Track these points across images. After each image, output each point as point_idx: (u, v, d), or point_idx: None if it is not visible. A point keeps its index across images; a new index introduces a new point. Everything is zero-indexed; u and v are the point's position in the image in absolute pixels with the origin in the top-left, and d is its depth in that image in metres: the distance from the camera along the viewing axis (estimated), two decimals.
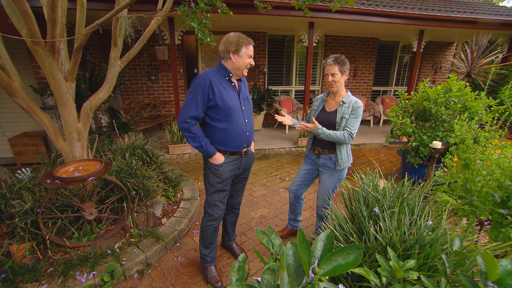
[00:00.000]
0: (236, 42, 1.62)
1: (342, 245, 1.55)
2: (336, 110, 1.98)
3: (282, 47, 6.80)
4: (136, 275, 2.09)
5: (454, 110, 2.98)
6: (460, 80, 4.61)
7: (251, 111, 1.85)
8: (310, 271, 0.46)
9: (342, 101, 1.96)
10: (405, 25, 4.87)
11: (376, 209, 1.61)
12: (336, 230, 1.64)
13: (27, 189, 2.41)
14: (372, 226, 1.53)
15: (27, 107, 2.31)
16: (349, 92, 2.02)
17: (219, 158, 1.75)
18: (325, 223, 2.05)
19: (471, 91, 3.12)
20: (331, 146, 2.02)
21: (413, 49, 5.48)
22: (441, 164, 3.03)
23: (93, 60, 4.68)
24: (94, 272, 1.95)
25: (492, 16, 5.32)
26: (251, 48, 1.65)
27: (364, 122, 7.16)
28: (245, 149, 1.82)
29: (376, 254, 1.03)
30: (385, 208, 1.67)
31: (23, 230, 2.03)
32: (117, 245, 2.25)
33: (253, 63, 1.69)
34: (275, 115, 2.04)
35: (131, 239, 2.34)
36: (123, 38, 2.58)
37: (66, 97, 2.35)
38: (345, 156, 2.03)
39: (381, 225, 1.48)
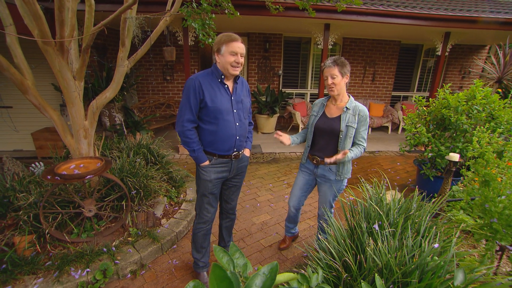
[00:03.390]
0: (218, 41, 1.56)
1: (337, 263, 1.43)
2: (340, 116, 1.83)
3: (298, 49, 6.66)
4: (129, 275, 2.09)
5: (478, 119, 2.71)
6: (488, 86, 4.23)
7: (245, 115, 1.78)
8: None
9: (346, 107, 1.81)
10: (428, 27, 4.56)
11: (376, 226, 1.47)
12: (332, 246, 1.52)
13: (36, 183, 2.51)
14: (372, 244, 1.40)
15: (38, 104, 2.41)
16: (351, 97, 1.88)
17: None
18: (323, 236, 1.94)
19: (499, 99, 2.83)
20: (331, 156, 1.88)
21: (437, 53, 5.13)
22: (461, 177, 2.77)
23: (103, 61, 4.86)
24: (88, 269, 1.97)
25: None
26: (233, 45, 1.54)
27: (382, 128, 6.82)
28: (235, 153, 1.76)
29: (362, 281, 0.91)
30: (386, 225, 1.52)
31: (25, 223, 2.10)
32: (114, 243, 2.27)
33: (239, 60, 1.57)
34: (276, 132, 1.91)
35: (129, 238, 2.35)
36: (131, 38, 2.61)
37: (74, 96, 2.42)
38: (347, 168, 1.90)
39: (379, 244, 1.34)
